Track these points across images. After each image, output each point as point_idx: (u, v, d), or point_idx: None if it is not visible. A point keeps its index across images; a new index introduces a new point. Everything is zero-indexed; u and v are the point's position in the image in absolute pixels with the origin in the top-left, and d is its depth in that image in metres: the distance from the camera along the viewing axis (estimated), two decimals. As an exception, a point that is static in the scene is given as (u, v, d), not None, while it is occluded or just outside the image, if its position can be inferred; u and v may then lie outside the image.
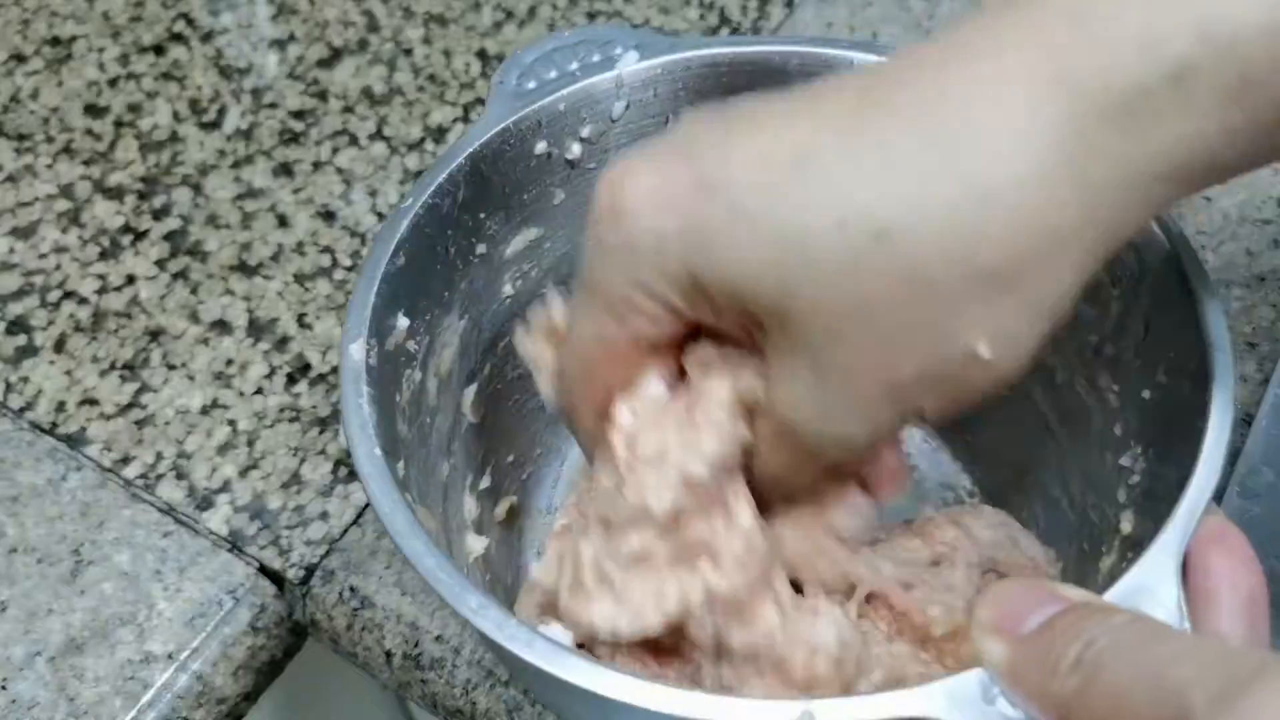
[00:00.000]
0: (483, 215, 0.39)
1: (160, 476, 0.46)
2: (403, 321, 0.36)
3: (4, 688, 0.40)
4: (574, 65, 0.40)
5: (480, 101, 0.59)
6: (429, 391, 0.38)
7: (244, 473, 0.46)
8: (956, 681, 0.26)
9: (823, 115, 0.28)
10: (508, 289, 0.41)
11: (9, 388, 0.49)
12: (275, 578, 0.43)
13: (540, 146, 0.40)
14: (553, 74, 0.40)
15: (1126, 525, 0.34)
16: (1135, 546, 0.32)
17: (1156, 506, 0.31)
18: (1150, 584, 0.27)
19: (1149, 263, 0.35)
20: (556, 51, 0.40)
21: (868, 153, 0.26)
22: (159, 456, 0.47)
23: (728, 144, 0.29)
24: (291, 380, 0.49)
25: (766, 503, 0.33)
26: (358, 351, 0.34)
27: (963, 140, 0.26)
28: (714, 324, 0.30)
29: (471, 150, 0.38)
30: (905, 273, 0.26)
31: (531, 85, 0.39)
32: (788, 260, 0.27)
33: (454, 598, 0.29)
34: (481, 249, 0.40)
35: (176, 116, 0.59)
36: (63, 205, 0.56)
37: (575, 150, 0.40)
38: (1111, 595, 0.27)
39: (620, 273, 0.30)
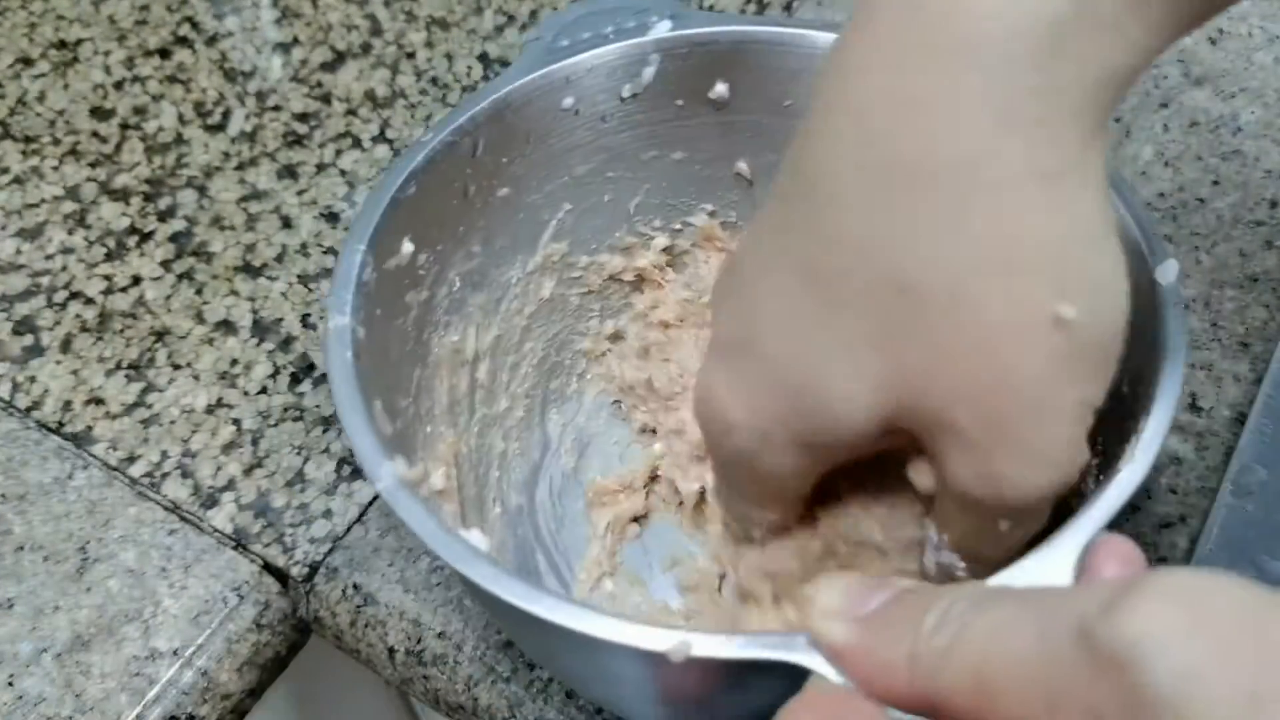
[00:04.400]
0: (505, 160, 0.41)
1: (166, 475, 0.46)
2: (407, 246, 0.38)
3: (11, 684, 0.41)
4: (609, 29, 0.41)
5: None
6: (437, 309, 0.40)
7: (248, 471, 0.46)
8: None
9: (793, 229, 0.29)
10: (547, 235, 0.43)
11: (16, 387, 0.50)
12: (279, 575, 0.44)
13: (568, 101, 0.41)
14: (586, 34, 0.41)
15: None
16: None
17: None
18: (1043, 576, 0.27)
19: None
20: (594, 14, 0.42)
21: (843, 241, 0.27)
22: (164, 455, 0.47)
23: (753, 315, 0.30)
24: (295, 380, 0.49)
25: None
26: (353, 265, 0.35)
27: (904, 177, 0.26)
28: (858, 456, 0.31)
29: (495, 96, 0.40)
30: (933, 304, 0.26)
31: (565, 43, 0.41)
32: (872, 368, 0.27)
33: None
34: (504, 191, 0.41)
35: (182, 119, 0.60)
36: (69, 207, 0.56)
37: (605, 108, 0.42)
38: (1000, 579, 0.27)
39: (751, 479, 0.32)
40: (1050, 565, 0.27)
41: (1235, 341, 0.45)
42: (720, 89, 0.42)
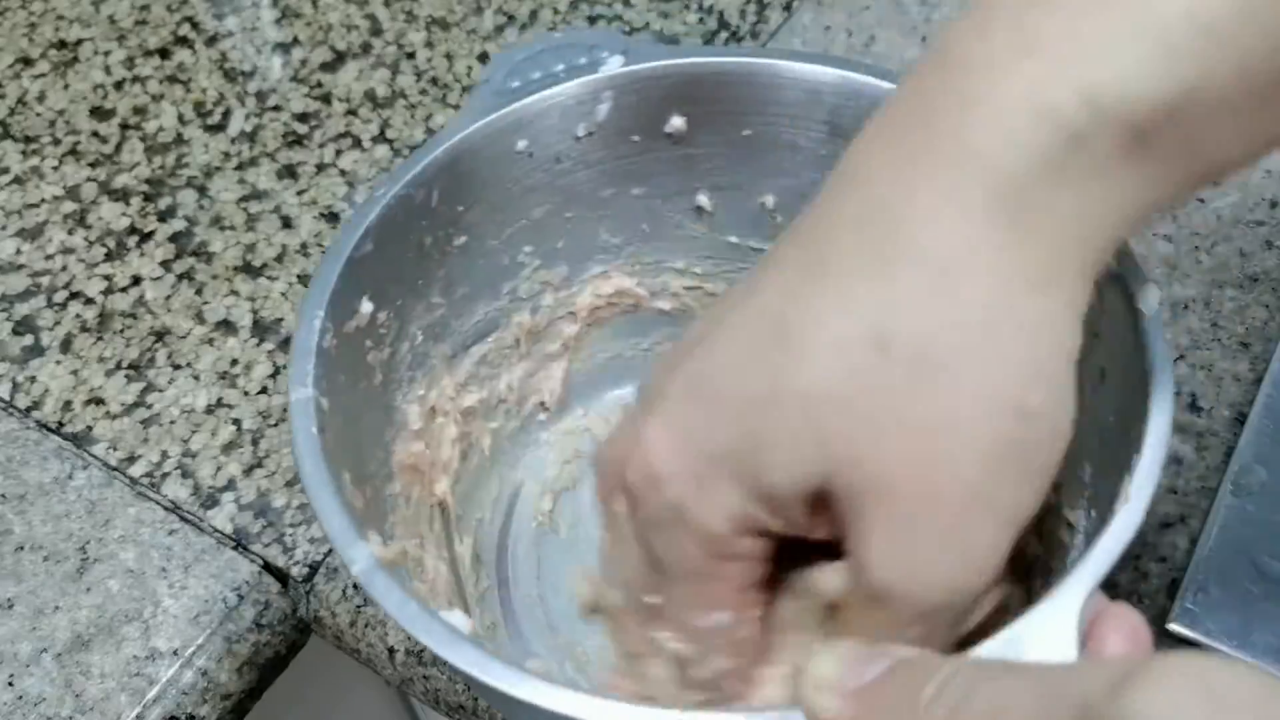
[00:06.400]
0: (460, 208, 0.40)
1: (166, 475, 0.46)
2: (366, 306, 0.37)
3: (11, 684, 0.41)
4: (560, 67, 0.41)
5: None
6: (400, 365, 0.39)
7: (248, 471, 0.46)
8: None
9: (773, 287, 0.29)
10: (506, 287, 0.43)
11: (16, 387, 0.50)
12: (279, 575, 0.44)
13: (521, 144, 0.40)
14: (537, 74, 0.40)
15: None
16: None
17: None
18: (1042, 634, 0.26)
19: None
20: (544, 53, 0.41)
21: (827, 296, 0.28)
22: (164, 455, 0.47)
23: (708, 360, 0.29)
24: (295, 380, 0.49)
25: None
26: (312, 332, 0.34)
27: (901, 248, 0.27)
28: (790, 530, 0.30)
29: (448, 145, 0.39)
30: (906, 366, 0.27)
31: (516, 84, 0.40)
32: (825, 420, 0.27)
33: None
34: (461, 240, 0.41)
35: (181, 119, 0.60)
36: (69, 207, 0.56)
37: (559, 148, 0.41)
38: (1003, 634, 0.26)
39: (684, 535, 0.30)
40: (1053, 617, 0.26)
41: (1235, 341, 0.46)
42: (676, 122, 0.41)
